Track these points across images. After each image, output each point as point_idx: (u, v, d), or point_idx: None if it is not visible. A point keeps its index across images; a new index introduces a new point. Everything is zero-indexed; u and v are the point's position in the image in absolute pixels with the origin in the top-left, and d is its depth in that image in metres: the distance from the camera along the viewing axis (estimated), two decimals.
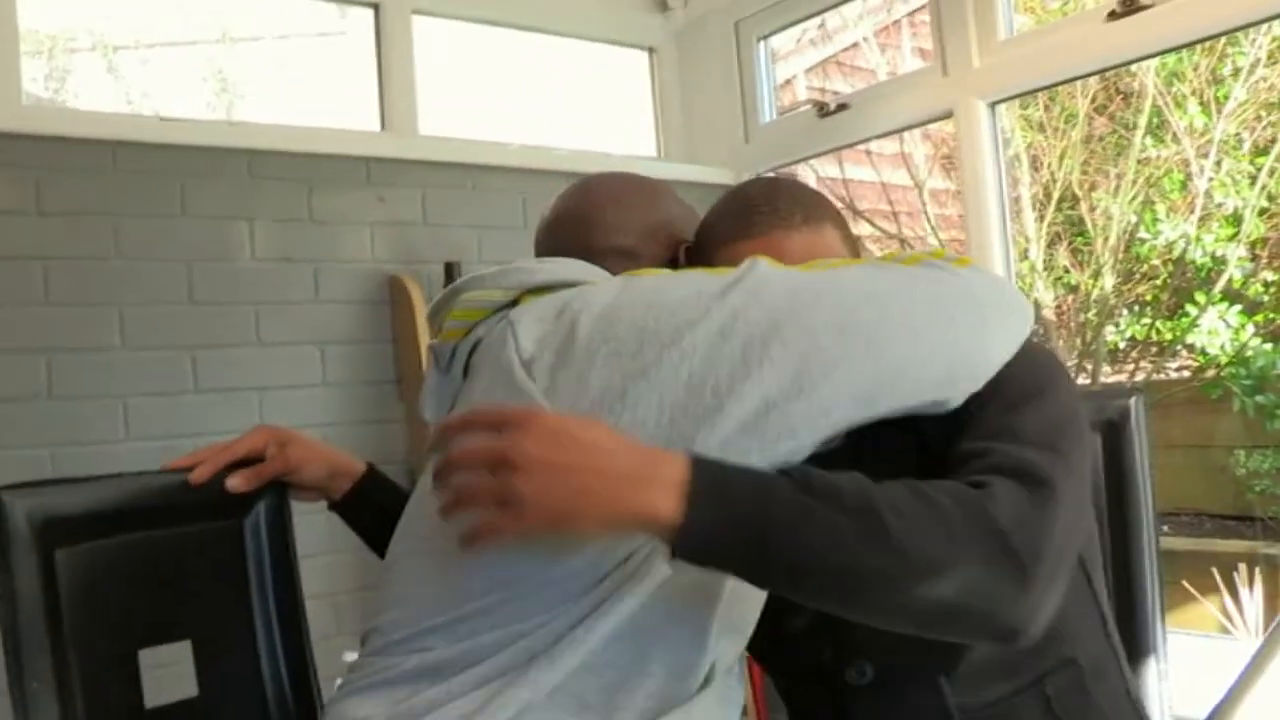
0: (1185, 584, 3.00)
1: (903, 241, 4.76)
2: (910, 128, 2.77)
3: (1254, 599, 2.22)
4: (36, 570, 1.21)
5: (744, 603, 0.99)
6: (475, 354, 1.09)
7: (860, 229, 4.73)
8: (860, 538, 0.81)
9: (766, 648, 1.12)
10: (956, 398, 0.97)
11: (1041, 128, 4.19)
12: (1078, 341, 4.28)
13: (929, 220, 4.58)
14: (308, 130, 2.31)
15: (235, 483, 1.31)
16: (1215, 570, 2.97)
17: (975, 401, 0.97)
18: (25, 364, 1.94)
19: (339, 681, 1.10)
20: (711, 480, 0.83)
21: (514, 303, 1.08)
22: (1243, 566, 2.67)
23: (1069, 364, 4.26)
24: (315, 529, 1.46)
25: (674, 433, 0.90)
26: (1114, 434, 1.62)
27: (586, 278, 1.08)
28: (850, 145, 2.79)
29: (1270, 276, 3.94)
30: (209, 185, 2.15)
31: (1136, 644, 1.58)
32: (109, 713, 1.24)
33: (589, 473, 0.83)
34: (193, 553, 1.33)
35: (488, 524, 0.85)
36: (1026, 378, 0.99)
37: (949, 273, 1.00)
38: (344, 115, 2.57)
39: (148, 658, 1.28)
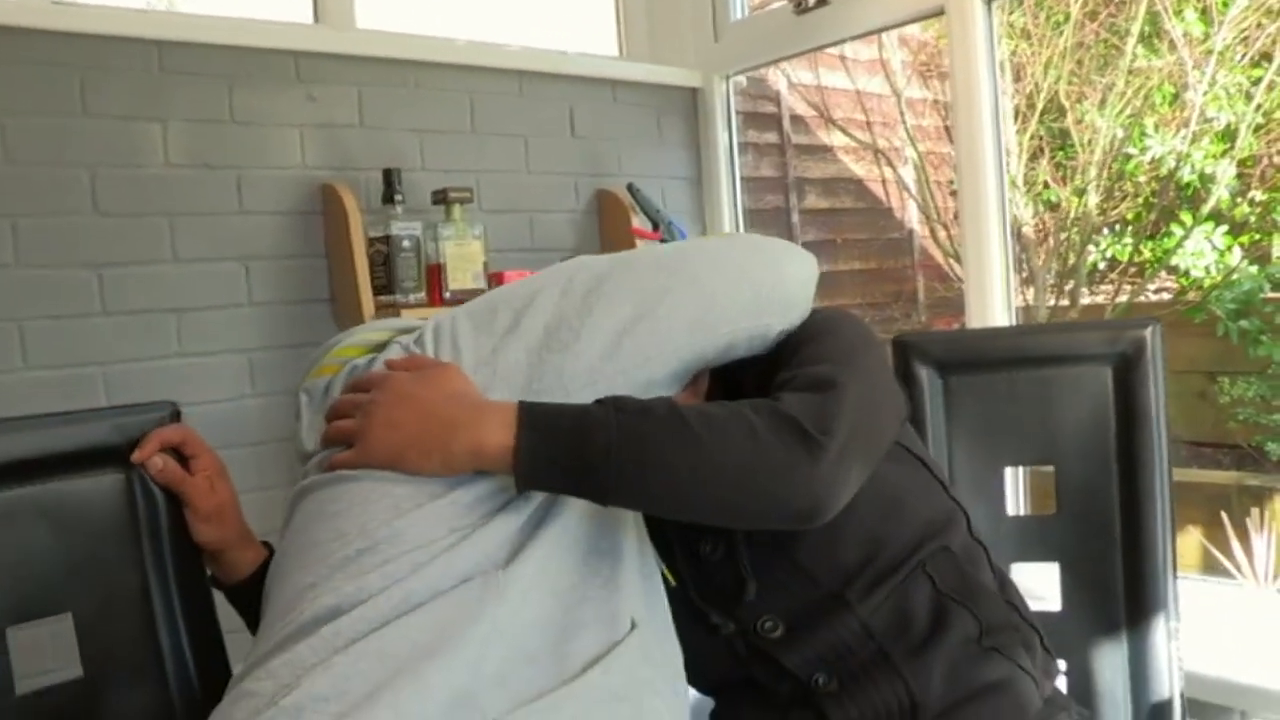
0: None
1: (878, 152, 4.58)
2: (897, 25, 2.56)
3: (1268, 543, 2.09)
4: None
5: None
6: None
7: (835, 138, 4.54)
8: (671, 442, 0.96)
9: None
10: (773, 322, 1.15)
11: (1026, 34, 3.98)
12: (1055, 262, 4.14)
13: (906, 131, 4.38)
14: (228, 20, 2.05)
15: (142, 455, 1.18)
16: (1201, 503, 2.91)
17: (782, 348, 1.15)
18: None
19: None
20: (535, 414, 0.98)
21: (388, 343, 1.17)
22: (1255, 510, 2.56)
23: (1048, 284, 4.12)
24: (230, 467, 1.26)
25: (543, 367, 1.04)
26: (1126, 368, 1.52)
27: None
28: (830, 44, 2.58)
29: (1259, 196, 3.80)
30: (113, 80, 1.89)
31: (1143, 598, 1.48)
32: None
33: (426, 418, 0.99)
34: (72, 511, 1.14)
35: (338, 458, 1.03)
36: (820, 323, 1.18)
37: (732, 234, 1.26)
38: (271, 4, 2.31)
39: (19, 635, 1.09)
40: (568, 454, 0.96)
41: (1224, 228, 3.75)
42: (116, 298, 1.90)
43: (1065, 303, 4.07)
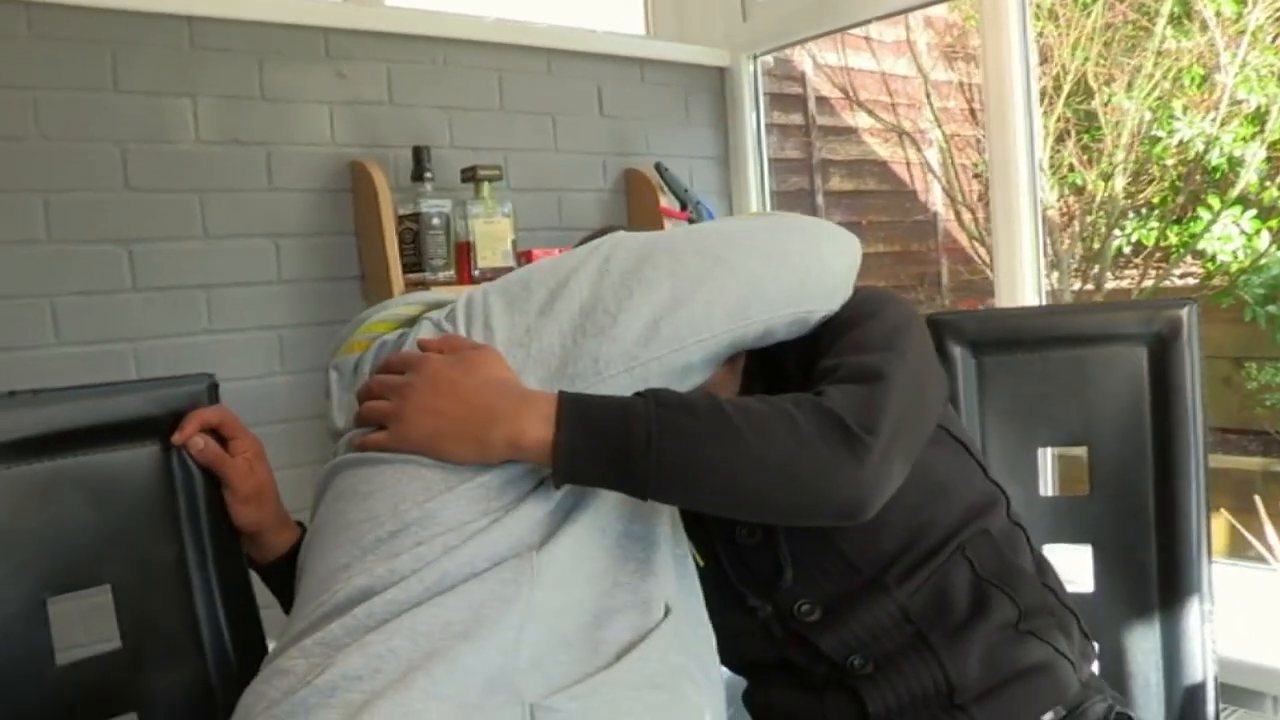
0: None
1: (902, 134, 4.54)
2: (928, 4, 2.54)
3: None
4: None
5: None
6: (381, 358, 1.13)
7: (859, 120, 4.51)
8: (712, 440, 0.94)
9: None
10: (814, 309, 1.13)
11: (1053, 15, 3.94)
12: (1079, 246, 4.10)
13: (933, 113, 4.34)
14: None
15: (183, 436, 1.18)
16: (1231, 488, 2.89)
17: (824, 332, 1.13)
18: None
19: None
20: (575, 406, 0.96)
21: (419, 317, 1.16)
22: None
23: (1073, 268, 4.09)
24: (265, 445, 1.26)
25: (578, 350, 1.01)
26: (1162, 348, 1.50)
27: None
28: (860, 24, 2.56)
29: None
30: (144, 56, 1.89)
31: (1177, 581, 1.47)
32: (12, 671, 1.06)
33: (463, 405, 0.97)
34: (111, 483, 1.14)
35: (370, 439, 1.01)
36: (865, 304, 1.15)
37: (779, 215, 1.20)
38: None
39: (59, 606, 1.09)
40: (608, 451, 0.95)
41: (1252, 212, 3.70)
42: (147, 274, 1.90)
43: (1090, 287, 4.03)
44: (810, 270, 1.12)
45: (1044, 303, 2.22)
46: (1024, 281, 2.13)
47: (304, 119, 2.07)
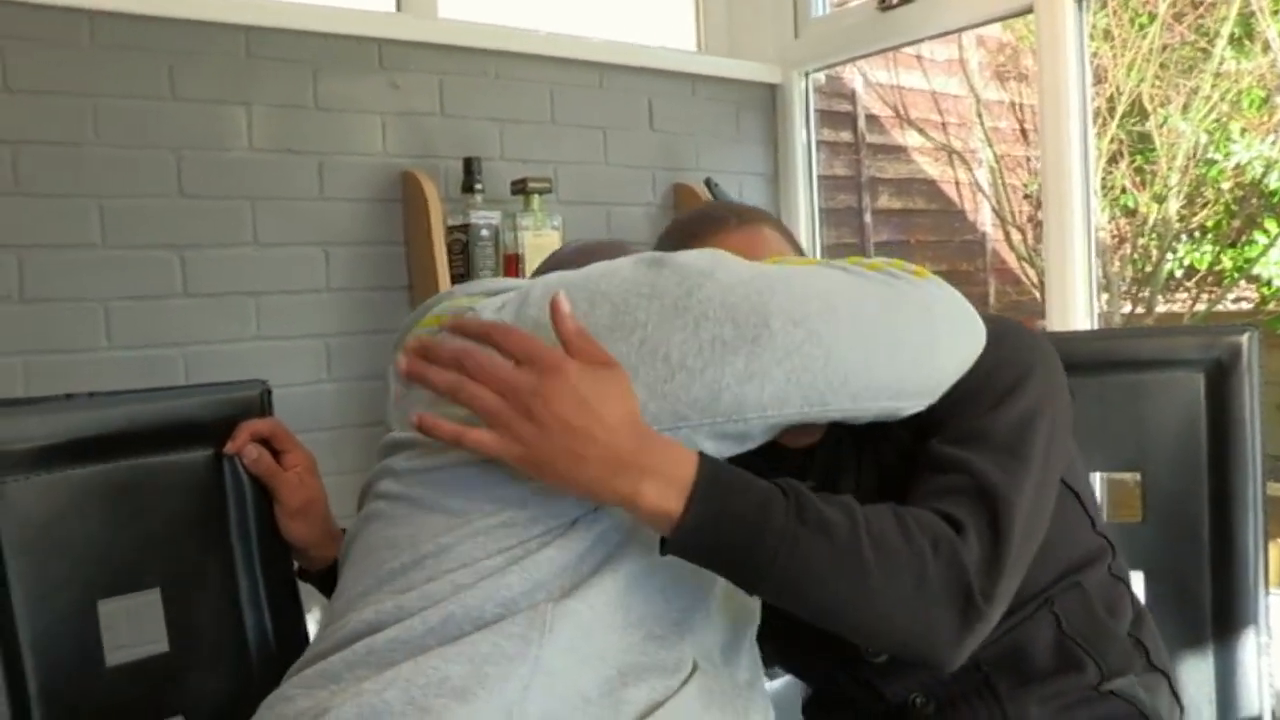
0: None
1: (952, 153, 4.52)
2: (984, 24, 2.52)
3: None
4: None
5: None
6: None
7: (909, 138, 4.49)
8: (838, 571, 0.88)
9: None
10: (907, 407, 1.00)
11: (1108, 35, 3.91)
12: (1130, 269, 4.06)
13: (984, 132, 4.32)
14: (314, 7, 2.07)
15: (235, 446, 1.18)
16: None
17: (952, 396, 1.01)
18: None
19: None
20: (714, 487, 0.87)
21: None
22: None
23: (1123, 291, 4.04)
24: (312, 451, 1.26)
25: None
26: (1221, 376, 1.48)
27: None
28: (913, 43, 2.54)
29: None
30: (200, 65, 1.91)
31: (1232, 612, 1.44)
32: (63, 671, 1.07)
33: (592, 442, 0.85)
34: (163, 487, 1.15)
35: (478, 437, 0.87)
36: (1002, 374, 1.03)
37: (906, 282, 1.00)
38: None
39: (109, 608, 1.10)
40: (730, 551, 0.88)
41: None
42: (198, 279, 1.92)
43: (1140, 310, 3.99)
44: (919, 368, 0.99)
45: (1096, 326, 2.19)
46: (1076, 304, 2.11)
47: (356, 129, 2.08)
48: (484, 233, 2.08)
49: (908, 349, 0.97)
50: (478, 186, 2.10)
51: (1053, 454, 1.03)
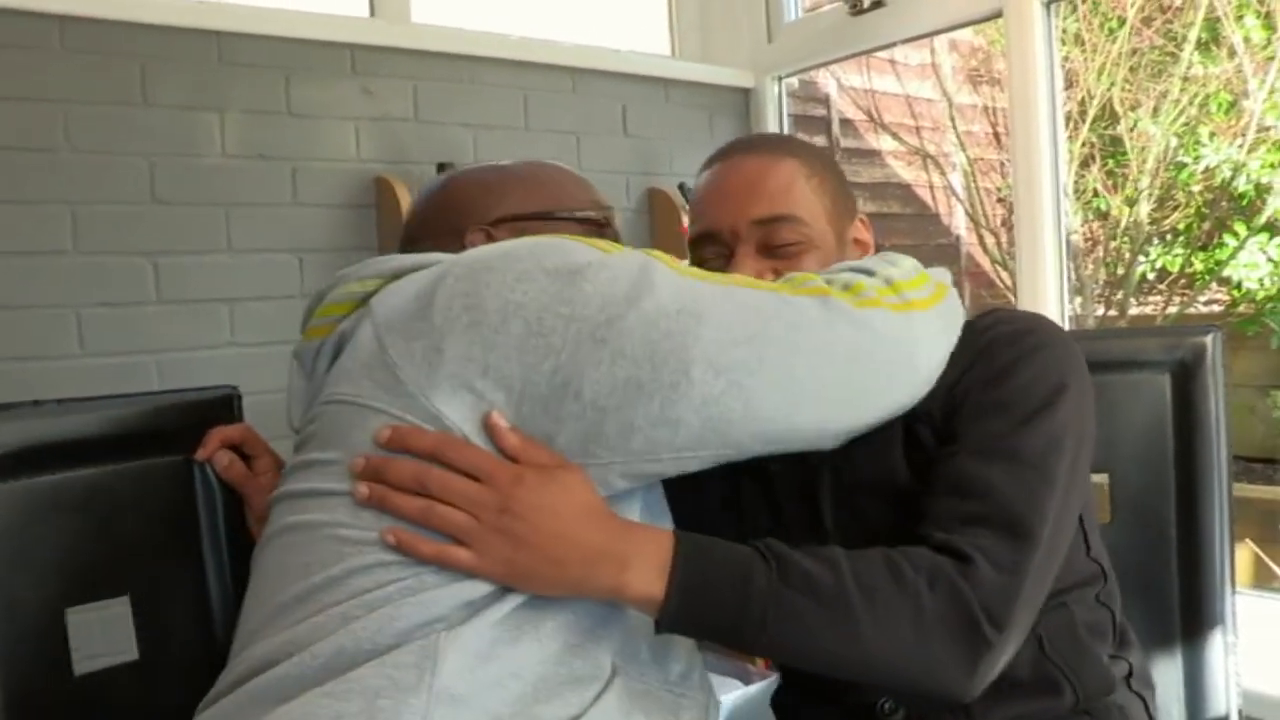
0: None
1: (926, 157, 4.54)
2: (954, 28, 2.54)
3: None
4: None
5: None
6: (340, 348, 0.99)
7: (883, 142, 4.51)
8: (831, 630, 0.88)
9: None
10: (829, 444, 0.98)
11: (1079, 40, 3.94)
12: (1103, 272, 4.09)
13: (956, 136, 4.34)
14: (286, 12, 2.07)
15: (206, 453, 1.16)
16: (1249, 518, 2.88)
17: (982, 403, 1.00)
18: None
19: None
20: (692, 563, 0.88)
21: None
22: None
23: (1096, 294, 4.07)
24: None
25: (534, 427, 0.88)
26: (1186, 376, 1.48)
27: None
28: (884, 47, 2.56)
29: None
30: (173, 70, 1.91)
31: (1200, 612, 1.45)
32: (31, 681, 1.06)
33: (561, 543, 0.87)
34: (132, 494, 1.14)
35: (460, 556, 0.86)
36: (1037, 388, 1.00)
37: (847, 320, 0.95)
38: None
39: (78, 617, 1.10)
40: (719, 621, 0.89)
41: (1279, 239, 3.70)
42: (171, 286, 1.92)
43: (1113, 313, 4.02)
44: (839, 418, 0.97)
45: (1067, 328, 2.21)
46: (1048, 307, 2.13)
47: (329, 135, 2.09)
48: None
49: (834, 396, 0.95)
50: None
51: (1076, 475, 1.01)
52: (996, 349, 1.04)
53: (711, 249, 1.13)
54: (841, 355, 0.94)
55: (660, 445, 0.89)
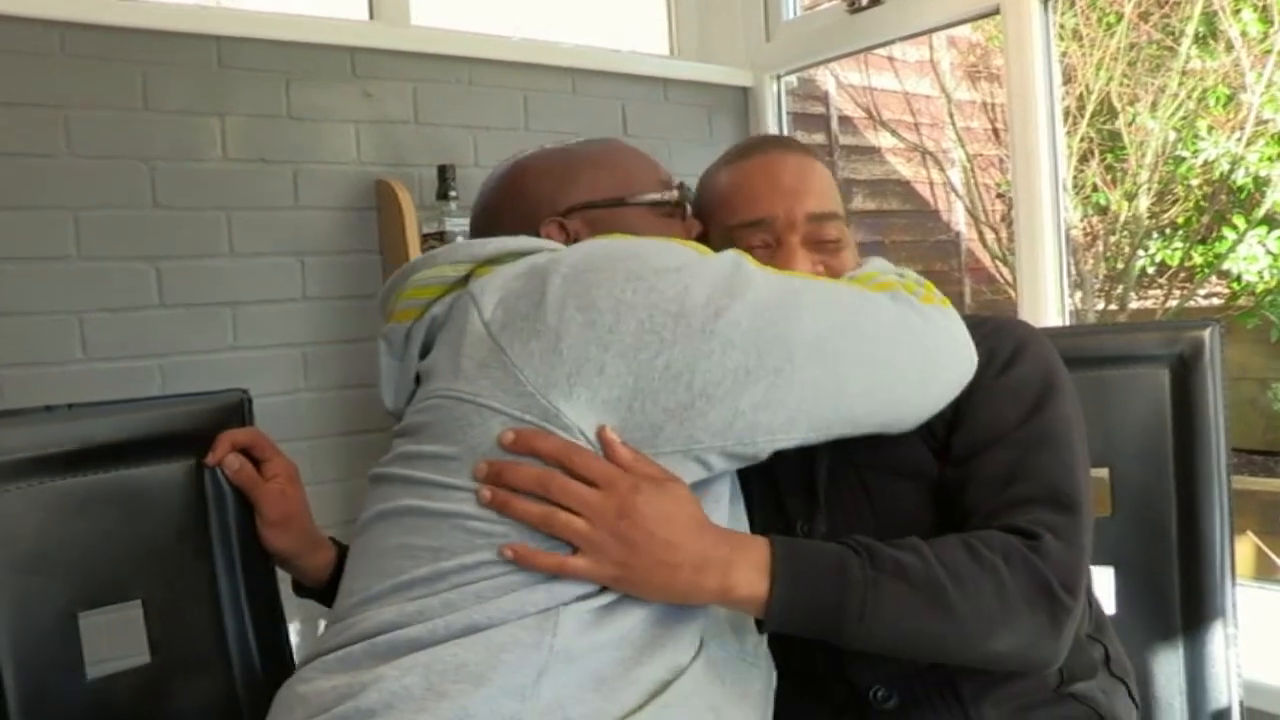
0: None
1: (925, 153, 4.55)
2: (952, 25, 2.54)
3: None
4: None
5: None
6: (433, 333, 1.06)
7: (882, 139, 4.52)
8: (924, 610, 0.94)
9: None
10: (896, 427, 1.06)
11: (1077, 35, 3.94)
12: (1103, 266, 4.09)
13: (955, 132, 4.35)
14: (286, 16, 2.07)
15: (216, 458, 1.18)
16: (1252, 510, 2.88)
17: (992, 398, 1.09)
18: None
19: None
20: (791, 563, 0.94)
21: (468, 278, 1.05)
22: None
23: (1096, 288, 4.08)
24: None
25: (644, 419, 0.93)
26: (1185, 370, 1.49)
27: (541, 248, 1.05)
28: (882, 45, 2.56)
29: None
30: (174, 75, 1.92)
31: (1200, 604, 1.46)
32: (44, 684, 1.07)
33: (671, 550, 0.92)
34: (143, 498, 1.15)
35: (577, 564, 0.92)
36: (1036, 378, 1.11)
37: (916, 312, 1.06)
38: (328, 1, 2.32)
39: (91, 620, 1.11)
40: (819, 613, 0.94)
41: (1278, 232, 3.70)
42: (174, 290, 1.92)
43: (1113, 307, 4.03)
44: (910, 403, 1.06)
45: (1068, 323, 2.21)
46: (1047, 301, 2.13)
47: (330, 138, 2.09)
48: (459, 239, 2.08)
49: (909, 378, 1.04)
50: (452, 194, 2.11)
51: (1084, 447, 1.11)
52: (994, 343, 1.13)
53: (759, 236, 1.16)
54: (915, 343, 1.04)
55: (759, 428, 0.95)
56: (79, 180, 1.83)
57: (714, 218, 1.20)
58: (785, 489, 1.15)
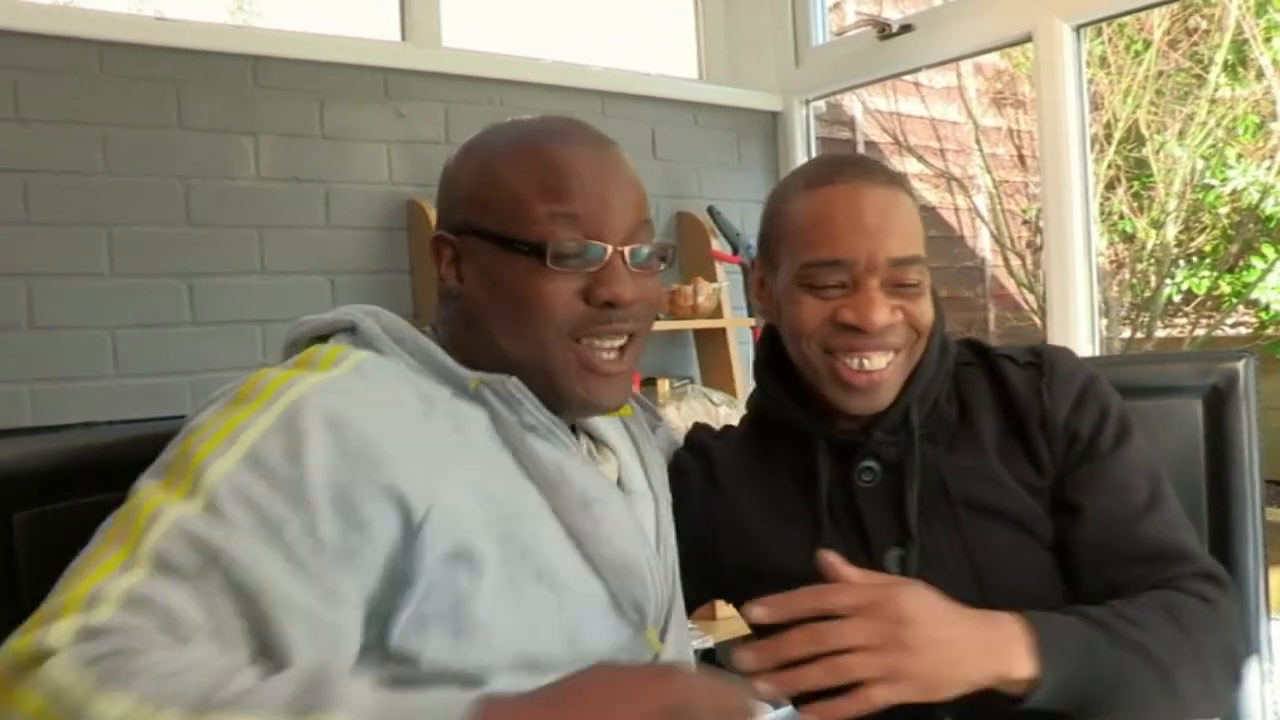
0: None
1: (951, 179, 4.54)
2: (982, 53, 2.55)
3: None
4: None
5: None
6: None
7: (908, 165, 4.51)
8: (1153, 688, 0.95)
9: None
10: None
11: (1104, 62, 3.94)
12: (1129, 294, 4.07)
13: (982, 158, 4.34)
14: (321, 37, 2.09)
15: None
16: None
17: (1099, 450, 1.09)
18: (2, 290, 1.75)
19: None
20: (1049, 641, 0.93)
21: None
22: None
23: (1122, 317, 4.06)
24: None
25: None
26: (1219, 401, 1.47)
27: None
28: (911, 71, 2.57)
29: None
30: (208, 94, 1.94)
31: None
32: None
33: (956, 643, 0.91)
34: None
35: (876, 696, 0.87)
36: (1140, 459, 1.11)
37: None
38: (361, 22, 2.34)
39: None
40: (1077, 690, 0.94)
41: None
42: (205, 308, 1.94)
43: (1139, 335, 4.01)
44: None
45: (1098, 351, 2.20)
46: (1079, 330, 2.12)
47: (362, 158, 2.11)
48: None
49: None
50: None
51: None
52: (1095, 405, 1.13)
53: (835, 276, 1.08)
54: None
55: None
56: (114, 197, 1.84)
57: (786, 247, 1.11)
58: (867, 515, 1.11)
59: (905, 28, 2.41)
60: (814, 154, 2.77)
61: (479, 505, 0.85)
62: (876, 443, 1.10)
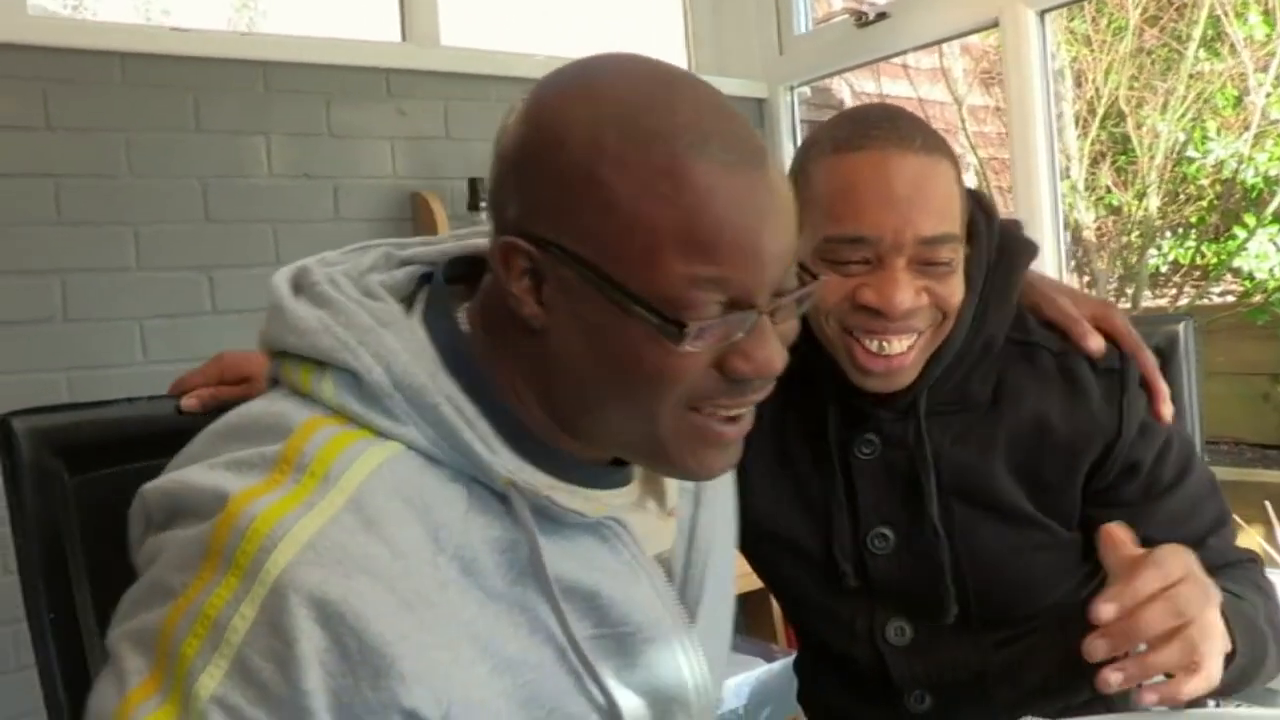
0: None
1: None
2: (954, 38, 2.65)
3: None
4: (49, 498, 1.14)
5: None
6: None
7: None
8: (1274, 660, 0.98)
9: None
10: None
11: (1087, 41, 4.03)
12: (1118, 265, 4.16)
13: (967, 137, 4.44)
14: (325, 41, 2.22)
15: (190, 403, 1.11)
16: (1265, 502, 2.91)
17: (1159, 474, 1.06)
18: (38, 286, 1.89)
19: None
20: (1234, 614, 0.90)
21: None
22: None
23: (1110, 288, 4.15)
24: None
25: None
26: (1161, 363, 1.53)
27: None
28: (889, 57, 2.68)
29: None
30: (223, 99, 2.07)
31: None
32: None
33: (1216, 624, 0.84)
34: None
35: (1195, 683, 0.81)
36: (1188, 459, 1.11)
37: None
38: (363, 25, 2.47)
39: None
40: (1247, 664, 0.93)
41: None
42: (225, 297, 2.07)
43: (1127, 305, 4.09)
44: None
45: None
46: None
47: (368, 154, 2.23)
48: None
49: None
50: (482, 205, 2.24)
51: None
52: (1151, 424, 1.08)
53: (857, 253, 0.98)
54: None
55: None
56: (138, 197, 1.98)
57: (807, 214, 0.94)
58: (860, 488, 1.09)
59: (881, 15, 2.52)
60: (801, 138, 2.87)
61: (496, 677, 0.72)
62: (880, 418, 1.06)
